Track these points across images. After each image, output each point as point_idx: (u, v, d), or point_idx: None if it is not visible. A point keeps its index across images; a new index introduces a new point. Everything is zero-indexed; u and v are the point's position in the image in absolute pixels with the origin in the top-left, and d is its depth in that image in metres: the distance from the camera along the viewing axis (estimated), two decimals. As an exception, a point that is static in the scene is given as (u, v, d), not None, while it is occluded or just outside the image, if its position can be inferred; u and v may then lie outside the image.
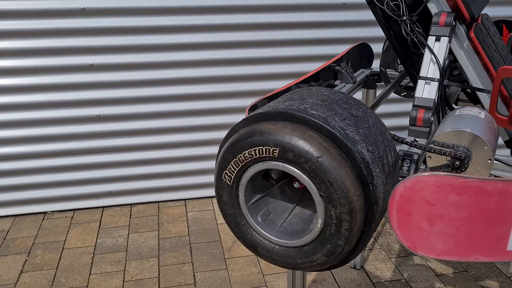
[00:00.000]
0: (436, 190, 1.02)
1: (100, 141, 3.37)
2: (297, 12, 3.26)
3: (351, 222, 1.18)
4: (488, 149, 1.35)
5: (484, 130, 1.38)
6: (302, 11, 3.27)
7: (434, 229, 1.04)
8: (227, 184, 1.35)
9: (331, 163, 1.16)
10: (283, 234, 1.36)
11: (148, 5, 3.08)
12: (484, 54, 1.66)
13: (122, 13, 3.07)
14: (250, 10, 3.21)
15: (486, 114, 1.50)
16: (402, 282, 2.82)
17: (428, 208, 1.04)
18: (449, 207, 1.02)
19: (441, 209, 1.03)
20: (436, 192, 1.02)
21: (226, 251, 3.07)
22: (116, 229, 3.31)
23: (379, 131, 1.31)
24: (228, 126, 3.49)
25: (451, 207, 1.02)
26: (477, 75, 1.73)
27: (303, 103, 1.28)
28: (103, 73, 3.20)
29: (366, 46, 2.69)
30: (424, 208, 1.04)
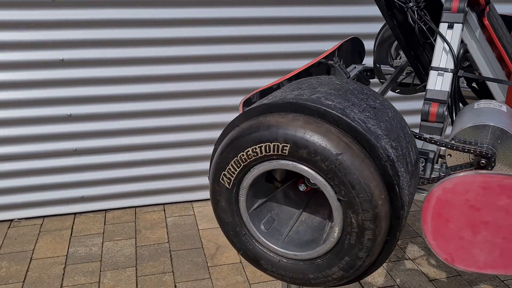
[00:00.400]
0: (482, 192, 0.87)
1: (71, 143, 3.15)
2: (290, 7, 3.11)
3: (375, 231, 1.02)
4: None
5: (509, 124, 1.24)
6: (298, 5, 3.13)
7: (477, 238, 0.89)
8: (225, 187, 1.16)
9: (352, 162, 1.00)
10: (291, 244, 1.18)
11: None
12: (500, 44, 1.53)
13: (97, 4, 2.86)
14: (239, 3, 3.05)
15: (507, 107, 1.37)
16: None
17: (472, 213, 0.89)
18: (497, 212, 0.87)
19: (488, 215, 0.88)
20: (483, 195, 0.87)
21: (209, 259, 2.88)
22: (89, 237, 3.08)
23: (399, 125, 1.15)
24: (210, 126, 3.31)
25: (499, 212, 0.87)
26: (490, 66, 1.60)
27: (315, 92, 1.11)
28: (74, 69, 2.98)
29: (357, 41, 2.57)
30: (467, 213, 0.89)
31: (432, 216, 0.93)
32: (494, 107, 1.35)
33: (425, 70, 1.77)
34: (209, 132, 3.32)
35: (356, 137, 1.02)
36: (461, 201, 0.90)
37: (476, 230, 0.90)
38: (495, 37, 1.53)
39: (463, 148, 1.24)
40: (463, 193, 0.89)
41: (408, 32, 1.72)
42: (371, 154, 1.02)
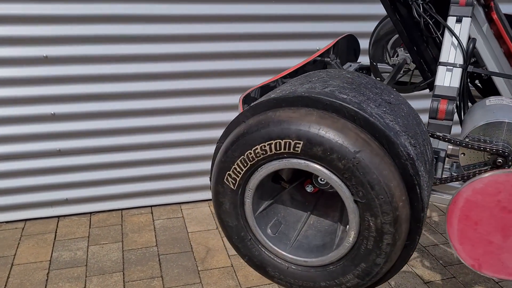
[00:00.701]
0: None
1: (55, 143, 3.03)
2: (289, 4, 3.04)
3: (395, 235, 0.94)
4: (534, 143, 1.15)
5: (525, 121, 1.18)
6: (294, 3, 3.06)
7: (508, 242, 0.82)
8: (230, 188, 1.08)
9: (372, 160, 0.92)
10: (300, 250, 1.10)
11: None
12: (508, 39, 1.47)
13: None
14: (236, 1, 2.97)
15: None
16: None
17: (503, 216, 0.82)
18: (533, 215, 0.81)
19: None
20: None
21: (199, 263, 2.79)
22: (74, 241, 2.96)
23: (415, 121, 1.08)
24: (198, 126, 3.22)
25: (533, 214, 0.81)
26: (497, 62, 1.54)
27: (327, 85, 1.03)
28: (58, 66, 2.86)
29: (353, 38, 2.51)
30: (498, 216, 0.82)
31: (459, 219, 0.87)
32: (507, 103, 1.29)
33: (428, 67, 1.71)
34: (198, 132, 3.24)
35: (374, 134, 0.95)
36: (492, 202, 0.84)
37: (507, 234, 0.84)
38: (504, 32, 1.48)
39: (478, 146, 1.18)
40: (495, 193, 0.83)
41: (411, 27, 1.66)
42: (390, 152, 0.95)
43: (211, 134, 3.25)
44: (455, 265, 2.83)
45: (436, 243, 3.04)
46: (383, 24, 2.37)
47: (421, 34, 1.66)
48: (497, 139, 1.20)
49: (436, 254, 2.93)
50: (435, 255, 2.92)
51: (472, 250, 0.88)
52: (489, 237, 0.86)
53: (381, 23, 2.38)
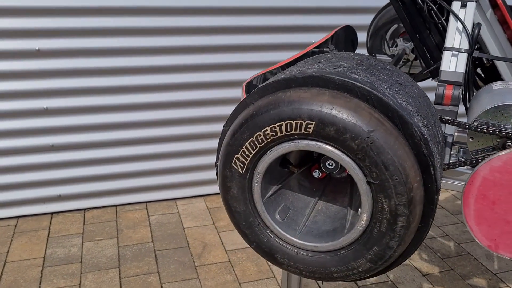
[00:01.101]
0: (536, 170, 0.78)
1: (48, 138, 2.97)
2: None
3: (409, 217, 0.92)
4: (544, 125, 1.13)
5: (535, 105, 1.16)
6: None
7: (526, 222, 0.80)
8: (238, 172, 1.05)
9: (386, 140, 0.90)
10: (310, 235, 1.08)
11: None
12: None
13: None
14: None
15: (527, 88, 1.29)
16: (389, 284, 2.63)
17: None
18: (553, 192, 0.79)
19: (541, 195, 0.79)
20: (537, 173, 0.78)
21: (196, 258, 2.76)
22: (68, 238, 2.91)
23: (426, 103, 1.07)
24: (194, 120, 3.18)
25: (553, 191, 0.79)
26: (500, 48, 1.53)
27: (337, 66, 1.01)
28: (51, 60, 2.81)
29: (350, 29, 2.49)
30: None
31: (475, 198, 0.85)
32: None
33: (431, 54, 1.69)
34: (194, 127, 3.20)
35: (388, 113, 0.93)
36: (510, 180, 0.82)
37: (526, 213, 0.82)
38: (509, 17, 1.47)
39: (487, 130, 1.16)
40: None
41: (414, 14, 1.65)
42: (404, 132, 0.93)
43: (207, 129, 3.22)
44: (453, 257, 2.83)
45: (433, 236, 3.04)
46: (381, 15, 2.35)
47: (424, 20, 1.65)
48: (506, 123, 1.19)
49: (434, 247, 2.92)
50: (433, 248, 2.92)
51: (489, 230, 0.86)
52: (506, 217, 0.84)
53: (380, 14, 2.36)
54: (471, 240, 3.00)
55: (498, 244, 0.86)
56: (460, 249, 2.91)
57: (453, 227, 3.15)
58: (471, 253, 2.87)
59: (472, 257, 2.84)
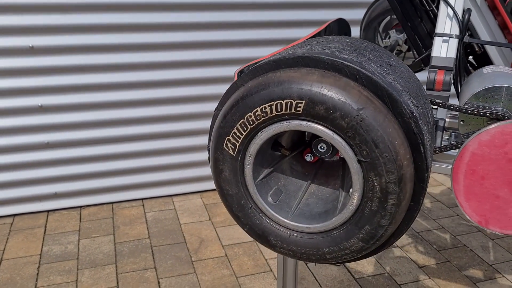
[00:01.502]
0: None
1: (43, 135, 2.97)
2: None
3: (400, 195, 0.93)
4: (534, 106, 1.14)
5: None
6: None
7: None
8: (229, 155, 1.05)
9: (375, 117, 0.90)
10: (302, 217, 1.08)
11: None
12: (503, 10, 1.47)
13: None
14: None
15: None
16: (385, 276, 2.63)
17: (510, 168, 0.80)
18: (539, 165, 0.79)
19: (529, 169, 0.80)
20: (524, 146, 0.79)
21: (193, 253, 2.76)
22: (64, 235, 2.91)
23: (416, 84, 1.07)
24: (189, 116, 3.18)
25: (541, 164, 0.80)
26: (491, 34, 1.54)
27: (327, 47, 1.01)
28: (45, 57, 2.81)
29: (344, 22, 2.49)
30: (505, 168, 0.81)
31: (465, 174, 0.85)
32: (505, 71, 1.28)
33: (422, 42, 1.70)
34: (189, 123, 3.20)
35: (377, 92, 0.93)
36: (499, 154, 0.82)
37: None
38: (499, 3, 1.47)
39: (478, 112, 1.17)
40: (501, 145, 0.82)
41: (405, 2, 1.65)
42: (393, 110, 0.93)
43: (202, 125, 3.22)
44: (449, 249, 2.83)
45: (429, 229, 3.05)
46: (374, 7, 2.36)
47: (415, 8, 1.66)
48: (496, 105, 1.20)
49: (429, 239, 2.93)
50: (428, 240, 2.93)
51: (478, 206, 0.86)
52: (496, 192, 0.84)
53: (372, 6, 2.38)
54: (466, 232, 3.01)
55: (488, 219, 0.86)
56: (456, 241, 2.92)
57: (449, 219, 3.16)
58: (467, 245, 2.88)
59: (468, 248, 2.84)
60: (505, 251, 2.83)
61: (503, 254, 2.80)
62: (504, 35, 1.54)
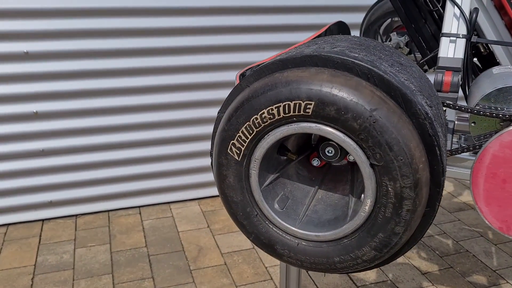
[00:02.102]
0: (548, 143, 0.74)
1: (38, 143, 2.91)
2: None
3: (416, 200, 0.88)
4: (549, 107, 1.10)
5: (537, 87, 1.13)
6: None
7: (539, 199, 0.76)
8: (234, 160, 1.00)
9: (389, 119, 0.86)
10: (311, 225, 1.03)
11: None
12: (511, 10, 1.43)
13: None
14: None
15: (528, 71, 1.26)
16: (388, 284, 2.58)
17: (534, 170, 0.76)
18: None
19: (553, 170, 0.75)
20: (549, 147, 0.74)
21: (191, 262, 2.70)
22: (59, 244, 2.85)
23: (428, 84, 1.03)
24: (187, 122, 3.13)
25: None
26: (497, 34, 1.50)
27: (335, 46, 0.97)
28: (40, 62, 2.76)
29: (343, 25, 2.46)
30: (529, 171, 0.76)
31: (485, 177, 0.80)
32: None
33: (427, 44, 1.67)
34: (187, 129, 3.15)
35: (390, 92, 0.89)
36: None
37: (538, 191, 0.78)
38: (506, 2, 1.44)
39: (491, 113, 1.13)
40: (525, 146, 0.77)
41: (409, 3, 1.62)
42: (407, 111, 0.89)
43: (200, 131, 3.17)
44: (452, 255, 2.79)
45: (431, 234, 3.00)
46: (374, 9, 2.33)
47: (419, 9, 1.62)
48: (508, 106, 1.16)
49: (432, 245, 2.89)
50: (431, 246, 2.88)
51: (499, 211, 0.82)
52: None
53: (373, 8, 2.35)
54: (469, 238, 2.97)
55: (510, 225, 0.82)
56: (459, 247, 2.88)
57: (451, 224, 3.12)
58: (469, 250, 2.84)
59: (470, 254, 2.80)
60: (508, 256, 2.79)
61: (507, 259, 2.76)
62: (511, 35, 1.51)
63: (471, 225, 3.11)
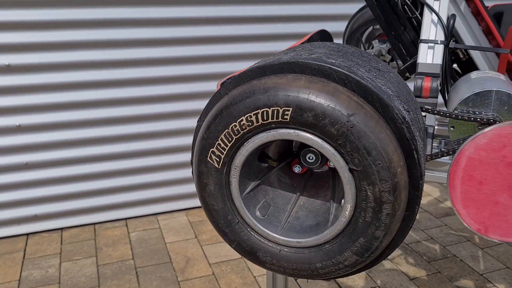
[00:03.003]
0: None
1: (21, 156, 2.88)
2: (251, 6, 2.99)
3: (395, 204, 0.88)
4: (526, 110, 1.11)
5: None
6: (247, 4, 3.00)
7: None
8: (214, 167, 1.00)
9: (367, 123, 0.86)
10: (292, 231, 1.03)
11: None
12: (487, 16, 1.46)
13: (44, 4, 2.64)
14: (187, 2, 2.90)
15: (505, 76, 1.28)
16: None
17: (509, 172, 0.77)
18: (539, 168, 0.76)
19: (528, 172, 0.76)
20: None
21: (179, 273, 2.68)
22: (45, 259, 2.80)
23: (406, 90, 1.04)
24: (172, 133, 3.12)
25: (541, 167, 0.76)
26: (475, 40, 1.53)
27: (313, 53, 0.98)
28: (22, 75, 2.73)
29: (326, 33, 2.48)
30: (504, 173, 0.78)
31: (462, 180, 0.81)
32: (492, 75, 1.26)
33: (407, 50, 1.69)
34: (173, 139, 3.14)
35: (367, 97, 0.89)
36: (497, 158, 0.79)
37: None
38: (482, 9, 1.46)
39: (469, 117, 1.14)
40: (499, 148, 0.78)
41: (388, 10, 1.64)
42: (385, 115, 0.89)
43: (186, 141, 3.16)
44: (439, 260, 2.80)
45: (418, 240, 3.01)
46: (356, 18, 2.35)
47: (398, 17, 1.64)
48: (486, 109, 1.17)
49: (419, 251, 2.90)
50: (418, 251, 2.89)
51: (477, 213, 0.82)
52: (495, 197, 0.81)
53: (355, 17, 2.37)
54: (456, 242, 2.99)
55: (487, 227, 0.82)
56: (446, 252, 2.89)
57: (438, 229, 3.14)
58: (456, 255, 2.85)
59: (458, 258, 2.82)
60: (494, 260, 2.80)
61: (493, 263, 2.78)
62: (488, 40, 1.53)
63: (457, 229, 3.13)
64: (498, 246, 2.93)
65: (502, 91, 1.13)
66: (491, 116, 1.13)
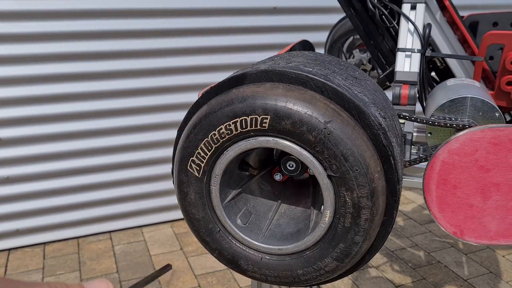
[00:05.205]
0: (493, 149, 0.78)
1: (3, 170, 2.85)
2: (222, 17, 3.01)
3: (373, 209, 0.89)
4: (499, 116, 1.14)
5: (487, 96, 1.18)
6: (230, 15, 3.02)
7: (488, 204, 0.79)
8: (194, 176, 1.00)
9: (343, 130, 0.88)
10: (273, 239, 1.03)
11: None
12: (462, 25, 1.49)
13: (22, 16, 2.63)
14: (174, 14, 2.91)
15: (480, 83, 1.31)
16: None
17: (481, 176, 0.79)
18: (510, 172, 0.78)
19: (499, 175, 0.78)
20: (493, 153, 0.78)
21: (164, 285, 2.65)
22: (27, 274, 2.76)
23: (382, 97, 1.06)
24: (155, 144, 3.11)
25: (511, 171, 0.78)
26: (451, 48, 1.56)
27: (290, 61, 0.99)
28: (1, 88, 2.70)
29: (308, 43, 2.51)
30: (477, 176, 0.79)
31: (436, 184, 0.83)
32: (468, 82, 1.29)
33: (386, 59, 1.71)
34: (156, 151, 3.13)
35: (344, 104, 0.91)
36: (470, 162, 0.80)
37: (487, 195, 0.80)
38: (457, 18, 1.50)
39: (444, 124, 1.16)
40: (472, 152, 0.80)
41: (367, 20, 1.67)
42: (361, 122, 0.91)
43: (170, 152, 3.15)
44: (424, 266, 2.82)
45: (403, 247, 3.03)
46: (337, 28, 2.38)
47: (376, 26, 1.67)
48: (462, 116, 1.20)
49: (404, 258, 2.91)
50: (403, 258, 2.91)
51: (452, 216, 0.84)
52: (469, 200, 0.82)
53: (336, 27, 2.40)
54: (440, 249, 3.01)
55: (463, 230, 0.84)
56: (430, 258, 2.91)
57: (422, 236, 3.16)
58: (441, 261, 2.88)
59: (442, 265, 2.84)
60: (478, 265, 2.83)
61: (477, 268, 2.81)
62: (464, 48, 1.57)
63: (442, 236, 3.15)
64: (482, 251, 2.96)
65: (477, 98, 1.16)
66: (467, 122, 1.16)
